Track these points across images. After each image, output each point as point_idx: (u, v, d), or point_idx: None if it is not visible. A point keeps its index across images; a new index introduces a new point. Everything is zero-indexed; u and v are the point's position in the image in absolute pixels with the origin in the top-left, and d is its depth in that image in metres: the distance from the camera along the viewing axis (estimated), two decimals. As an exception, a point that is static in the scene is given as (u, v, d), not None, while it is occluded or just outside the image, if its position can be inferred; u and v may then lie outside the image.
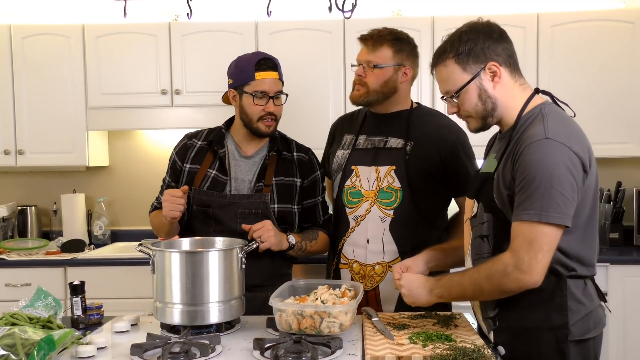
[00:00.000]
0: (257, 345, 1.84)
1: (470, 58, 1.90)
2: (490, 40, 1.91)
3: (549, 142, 1.76)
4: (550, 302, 1.85)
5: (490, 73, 1.90)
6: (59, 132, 4.09)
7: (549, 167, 1.74)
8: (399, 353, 1.77)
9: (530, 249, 1.75)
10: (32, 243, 4.20)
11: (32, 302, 2.14)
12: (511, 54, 1.94)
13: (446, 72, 1.94)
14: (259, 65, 2.44)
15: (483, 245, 1.94)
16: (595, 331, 1.89)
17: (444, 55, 1.94)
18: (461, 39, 1.91)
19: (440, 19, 3.91)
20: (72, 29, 4.05)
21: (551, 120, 1.83)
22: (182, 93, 4.02)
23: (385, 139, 2.48)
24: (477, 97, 1.92)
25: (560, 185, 1.74)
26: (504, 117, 1.95)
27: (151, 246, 2.10)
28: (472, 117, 1.96)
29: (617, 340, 3.61)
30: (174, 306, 2.03)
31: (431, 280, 2.01)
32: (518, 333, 1.89)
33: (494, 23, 1.96)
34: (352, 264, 2.49)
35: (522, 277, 1.76)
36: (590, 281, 1.93)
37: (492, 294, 1.87)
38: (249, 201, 2.45)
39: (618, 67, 3.87)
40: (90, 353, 1.83)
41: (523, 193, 1.77)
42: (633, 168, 4.24)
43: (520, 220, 1.77)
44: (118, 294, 3.67)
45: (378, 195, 2.44)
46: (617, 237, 4.01)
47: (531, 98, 1.94)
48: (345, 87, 3.93)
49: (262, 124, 2.46)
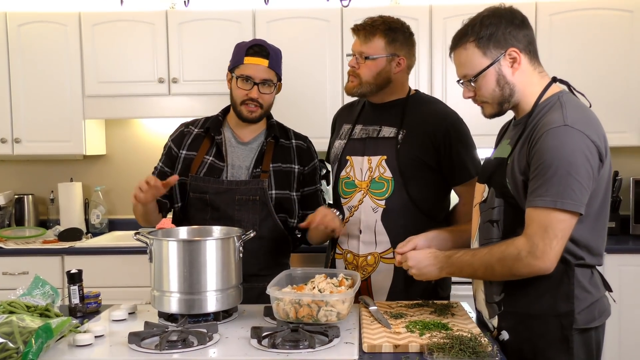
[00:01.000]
0: (255, 333, 1.84)
1: (491, 43, 1.89)
2: (512, 25, 1.89)
3: (567, 130, 1.75)
4: (557, 290, 1.85)
5: (510, 59, 1.89)
6: (55, 121, 4.08)
7: (567, 154, 1.73)
8: (396, 341, 1.78)
9: (545, 235, 1.75)
10: (29, 232, 4.20)
11: (29, 291, 2.14)
12: (531, 41, 1.93)
13: (466, 55, 1.93)
14: (250, 51, 2.45)
15: (492, 230, 1.94)
16: (599, 320, 1.90)
17: (465, 38, 1.92)
18: (483, 23, 1.90)
19: (438, 7, 3.89)
20: (68, 17, 4.03)
21: (569, 108, 1.82)
22: (180, 82, 4.00)
23: (379, 128, 2.45)
24: (496, 82, 1.91)
25: (577, 173, 1.73)
26: (521, 104, 1.94)
27: (149, 235, 2.10)
28: (488, 102, 1.96)
29: (613, 329, 3.61)
30: (171, 295, 2.03)
31: (441, 257, 2.00)
32: (523, 319, 1.90)
33: (517, 9, 1.95)
34: (346, 255, 2.49)
35: (535, 262, 1.77)
36: (597, 271, 1.93)
37: (503, 276, 1.87)
38: (247, 187, 2.46)
39: (616, 55, 3.87)
40: (87, 341, 1.83)
41: (539, 179, 1.76)
42: (630, 157, 4.24)
43: (535, 207, 1.77)
44: (115, 282, 3.67)
45: (370, 186, 2.42)
46: (613, 226, 4.01)
47: (549, 86, 1.93)
48: (342, 76, 3.91)
49: (245, 108, 2.47)
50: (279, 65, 2.52)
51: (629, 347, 3.65)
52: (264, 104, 2.48)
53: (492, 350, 1.70)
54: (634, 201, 4.04)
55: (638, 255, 3.67)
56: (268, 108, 2.53)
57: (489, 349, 1.70)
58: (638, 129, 3.89)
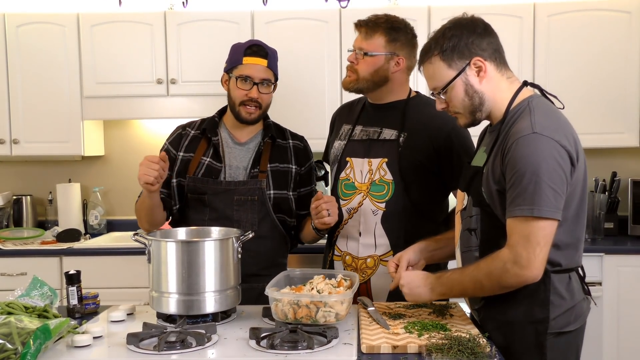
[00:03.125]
0: (253, 334, 1.84)
1: (454, 54, 1.91)
2: (474, 35, 1.91)
3: (536, 137, 1.77)
4: (533, 297, 1.87)
5: (476, 68, 1.91)
6: (54, 122, 4.07)
7: (538, 161, 1.75)
8: (395, 342, 1.77)
9: (527, 244, 1.76)
10: (27, 232, 4.19)
11: (27, 292, 2.13)
12: (497, 47, 1.94)
13: (432, 69, 1.95)
14: (248, 51, 2.46)
15: (471, 238, 1.96)
16: (575, 324, 1.91)
17: (430, 52, 1.95)
18: (445, 35, 1.92)
19: (437, 9, 3.88)
20: (66, 18, 4.03)
21: (538, 113, 1.84)
22: (178, 82, 4.00)
23: (380, 130, 2.45)
24: (464, 92, 1.93)
25: (550, 179, 1.75)
26: (493, 111, 1.95)
27: (147, 236, 2.10)
28: (460, 113, 1.97)
29: (611, 330, 3.64)
30: (170, 296, 2.03)
31: (432, 278, 2.00)
32: (500, 325, 1.92)
33: (478, 17, 1.96)
34: (345, 257, 2.48)
35: (522, 272, 1.78)
36: (576, 274, 1.94)
37: (493, 290, 1.88)
38: (245, 187, 2.46)
39: (614, 56, 3.87)
40: (86, 342, 1.83)
41: (515, 189, 1.78)
42: (628, 158, 4.25)
43: (513, 217, 1.79)
44: (114, 283, 3.67)
45: (370, 188, 2.41)
46: (612, 227, 4.02)
47: (519, 91, 1.94)
48: (341, 77, 3.89)
49: (244, 110, 2.47)
50: (276, 65, 2.52)
51: (628, 347, 3.66)
52: (263, 104, 2.49)
53: (491, 351, 1.71)
54: (632, 202, 4.04)
55: (636, 256, 3.67)
56: (266, 108, 2.53)
57: (487, 350, 1.70)
58: (636, 129, 3.89)
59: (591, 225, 3.91)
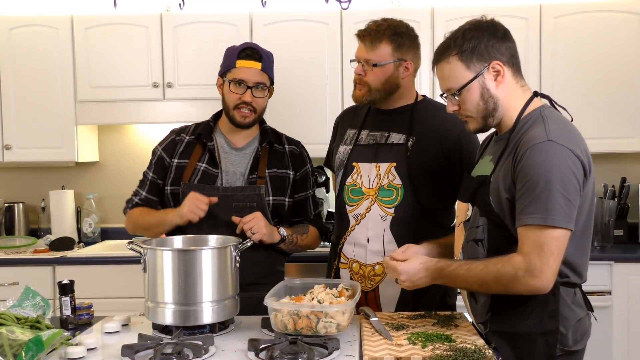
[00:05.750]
0: (252, 346, 1.83)
1: (474, 56, 1.89)
2: (494, 38, 1.90)
3: (551, 145, 1.77)
4: (543, 308, 1.86)
5: (494, 72, 1.90)
6: (47, 127, 4.03)
7: (553, 169, 1.74)
8: (398, 354, 1.75)
9: (541, 253, 1.75)
10: (19, 241, 4.16)
11: (19, 302, 2.14)
12: (514, 53, 1.94)
13: (449, 69, 1.93)
14: (242, 54, 2.45)
15: (477, 249, 1.95)
16: (581, 343, 1.92)
17: (447, 52, 1.93)
18: (465, 36, 1.91)
19: (441, 10, 3.85)
20: (60, 20, 3.99)
21: (552, 123, 1.84)
22: (174, 86, 3.97)
23: (387, 134, 2.43)
24: (480, 96, 1.91)
25: (564, 189, 1.74)
26: (504, 119, 1.95)
27: (142, 244, 2.08)
28: (472, 117, 1.96)
29: (621, 340, 3.60)
30: (166, 306, 2.01)
31: (432, 269, 1.97)
32: (510, 337, 1.90)
33: (498, 22, 1.96)
34: (352, 264, 2.45)
35: (533, 282, 1.76)
36: (579, 290, 1.94)
37: (498, 292, 1.87)
38: (243, 194, 2.44)
39: (623, 59, 3.83)
40: (79, 354, 1.82)
41: (527, 197, 1.76)
42: (638, 163, 4.20)
43: (525, 225, 1.77)
44: (108, 293, 3.63)
45: (378, 193, 2.39)
46: (621, 234, 3.96)
47: (531, 100, 1.94)
48: (342, 80, 3.87)
49: (238, 113, 2.46)
50: (271, 68, 2.51)
51: (638, 358, 3.60)
52: (258, 108, 2.47)
53: (497, 363, 1.70)
54: (642, 208, 3.99)
55: (647, 264, 3.62)
56: (261, 113, 2.52)
57: (494, 362, 1.69)
58: (646, 134, 3.86)
59: (600, 232, 3.86)
